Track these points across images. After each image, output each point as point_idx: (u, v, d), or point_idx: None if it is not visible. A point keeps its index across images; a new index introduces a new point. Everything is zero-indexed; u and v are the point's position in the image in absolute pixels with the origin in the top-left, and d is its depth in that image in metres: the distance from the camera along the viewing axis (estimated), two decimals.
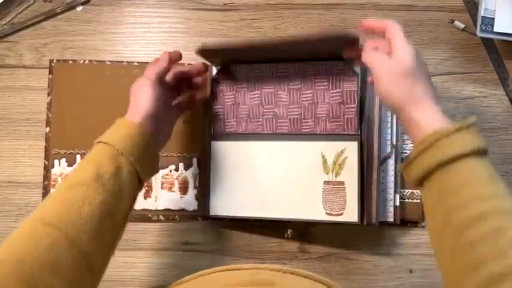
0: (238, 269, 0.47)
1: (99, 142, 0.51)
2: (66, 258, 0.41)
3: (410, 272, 0.66)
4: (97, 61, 0.69)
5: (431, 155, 0.43)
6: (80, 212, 0.43)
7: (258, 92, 0.64)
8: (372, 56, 0.50)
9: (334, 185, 0.60)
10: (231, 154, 0.65)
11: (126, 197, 0.49)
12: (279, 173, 0.63)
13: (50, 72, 0.69)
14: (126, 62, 0.69)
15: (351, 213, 0.60)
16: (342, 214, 0.61)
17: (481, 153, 0.43)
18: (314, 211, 0.61)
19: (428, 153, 0.44)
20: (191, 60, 0.69)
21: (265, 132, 0.64)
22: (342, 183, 0.61)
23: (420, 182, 0.45)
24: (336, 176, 0.61)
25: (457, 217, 0.40)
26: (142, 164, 0.51)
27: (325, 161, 0.61)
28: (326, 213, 0.61)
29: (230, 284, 0.45)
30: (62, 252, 0.41)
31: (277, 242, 0.67)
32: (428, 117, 0.45)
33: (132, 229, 0.68)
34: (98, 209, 0.45)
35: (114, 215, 0.47)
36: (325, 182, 0.61)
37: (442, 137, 0.43)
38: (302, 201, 0.62)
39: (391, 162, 0.64)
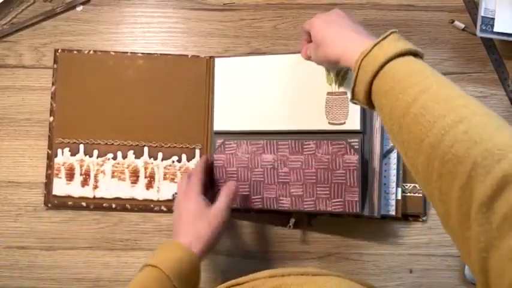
0: (254, 279, 0.48)
1: (152, 266, 0.52)
2: None
3: (410, 272, 0.66)
4: (101, 51, 0.70)
5: (368, 68, 0.45)
6: None
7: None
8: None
9: (337, 95, 0.61)
10: (236, 70, 0.66)
11: None
12: (282, 87, 0.64)
13: (55, 62, 0.69)
14: (130, 52, 0.69)
15: (353, 122, 0.61)
16: (344, 123, 0.61)
17: (412, 53, 0.44)
18: (317, 121, 0.62)
19: (362, 70, 0.45)
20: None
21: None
22: (345, 93, 0.61)
23: (368, 99, 0.46)
24: (339, 87, 0.62)
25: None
26: (184, 285, 0.53)
27: (328, 73, 0.62)
28: (329, 122, 0.61)
29: None
30: None
31: (277, 241, 0.67)
32: (360, 45, 0.47)
33: (133, 229, 0.68)
34: None
35: None
36: (329, 93, 0.62)
37: (366, 51, 0.45)
38: (306, 112, 0.63)
39: (393, 156, 0.65)
